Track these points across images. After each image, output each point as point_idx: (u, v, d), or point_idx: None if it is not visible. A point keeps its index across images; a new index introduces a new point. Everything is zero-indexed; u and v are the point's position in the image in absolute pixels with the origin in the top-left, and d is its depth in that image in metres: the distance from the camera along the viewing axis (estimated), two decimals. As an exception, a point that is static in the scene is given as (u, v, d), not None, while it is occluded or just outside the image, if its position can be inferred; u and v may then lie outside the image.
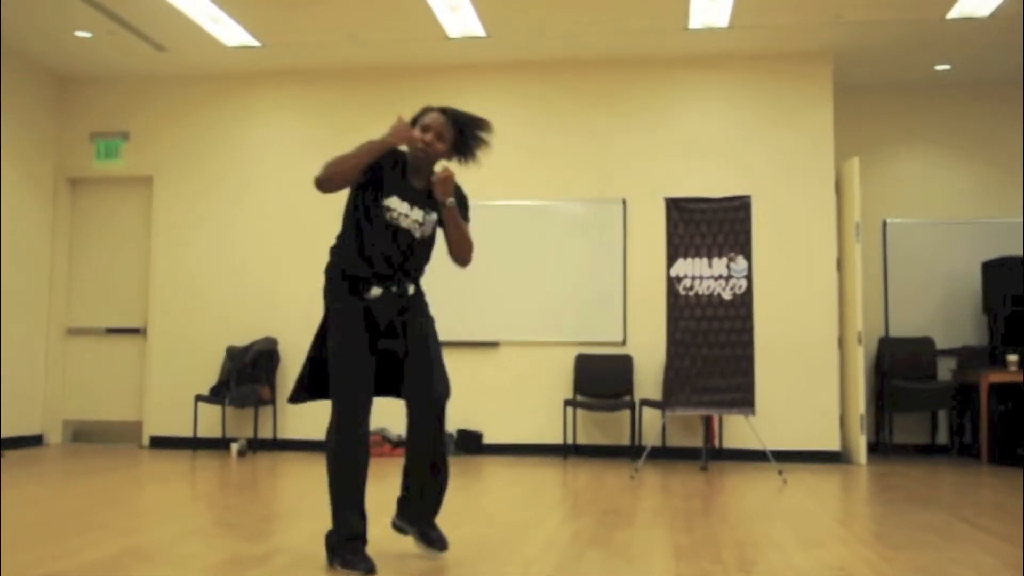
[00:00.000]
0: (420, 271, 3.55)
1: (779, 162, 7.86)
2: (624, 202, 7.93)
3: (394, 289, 3.42)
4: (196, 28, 7.37)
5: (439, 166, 3.54)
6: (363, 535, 3.38)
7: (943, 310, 8.39)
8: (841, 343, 7.77)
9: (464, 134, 3.51)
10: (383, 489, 4.48)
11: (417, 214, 3.46)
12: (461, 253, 3.52)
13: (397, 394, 3.52)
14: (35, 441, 8.27)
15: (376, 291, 3.40)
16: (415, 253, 3.48)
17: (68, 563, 3.46)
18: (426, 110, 3.53)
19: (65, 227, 8.67)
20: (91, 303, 8.67)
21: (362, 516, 3.39)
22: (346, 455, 3.33)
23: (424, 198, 3.49)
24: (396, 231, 3.41)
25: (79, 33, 7.55)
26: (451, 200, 3.42)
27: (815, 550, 3.86)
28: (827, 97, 7.84)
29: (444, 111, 3.51)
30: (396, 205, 3.41)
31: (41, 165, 8.46)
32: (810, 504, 5.24)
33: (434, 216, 3.52)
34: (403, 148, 3.48)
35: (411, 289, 3.47)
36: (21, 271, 8.17)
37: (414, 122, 3.51)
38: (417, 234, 3.47)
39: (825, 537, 4.18)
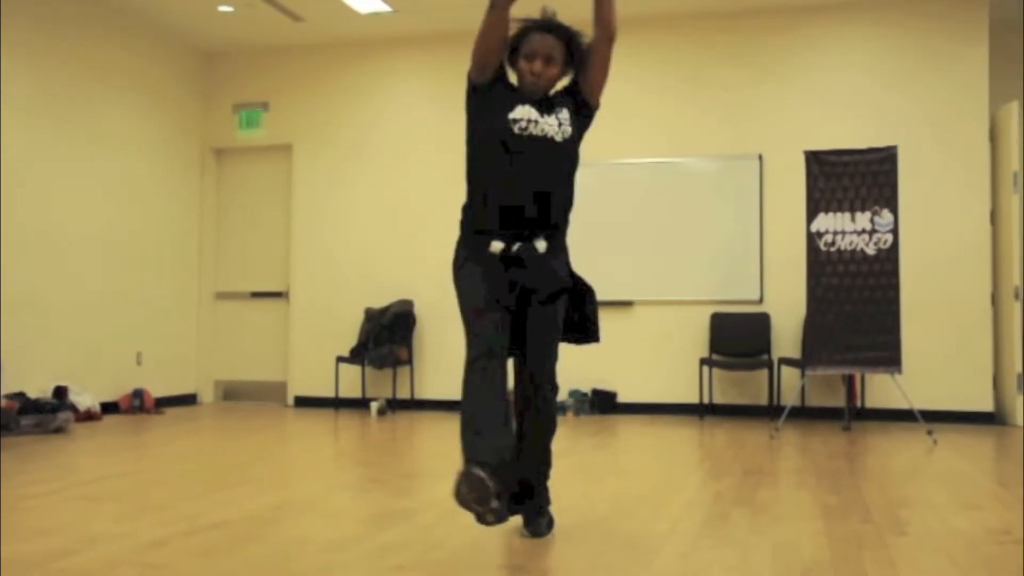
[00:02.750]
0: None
1: (927, 110, 7.47)
2: (760, 157, 7.70)
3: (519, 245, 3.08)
4: (330, -3, 7.52)
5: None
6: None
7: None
8: (995, 299, 7.37)
9: (571, 44, 3.11)
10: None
11: (549, 120, 3.07)
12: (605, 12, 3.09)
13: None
14: (190, 400, 8.73)
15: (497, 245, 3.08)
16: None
17: (230, 512, 3.64)
18: (526, 30, 3.09)
19: (212, 196, 9.06)
20: (237, 268, 9.05)
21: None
22: None
23: (548, 104, 3.12)
24: (526, 144, 3.06)
25: (222, 8, 7.81)
26: None
27: (974, 512, 3.70)
28: (981, 38, 7.38)
29: (549, 28, 3.08)
30: (522, 114, 3.07)
31: (188, 137, 8.84)
32: (964, 465, 5.02)
33: (566, 115, 3.10)
34: (512, 80, 3.19)
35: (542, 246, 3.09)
36: (173, 239, 8.58)
37: (515, 48, 3.11)
38: (558, 137, 3.08)
39: (984, 499, 3.99)
